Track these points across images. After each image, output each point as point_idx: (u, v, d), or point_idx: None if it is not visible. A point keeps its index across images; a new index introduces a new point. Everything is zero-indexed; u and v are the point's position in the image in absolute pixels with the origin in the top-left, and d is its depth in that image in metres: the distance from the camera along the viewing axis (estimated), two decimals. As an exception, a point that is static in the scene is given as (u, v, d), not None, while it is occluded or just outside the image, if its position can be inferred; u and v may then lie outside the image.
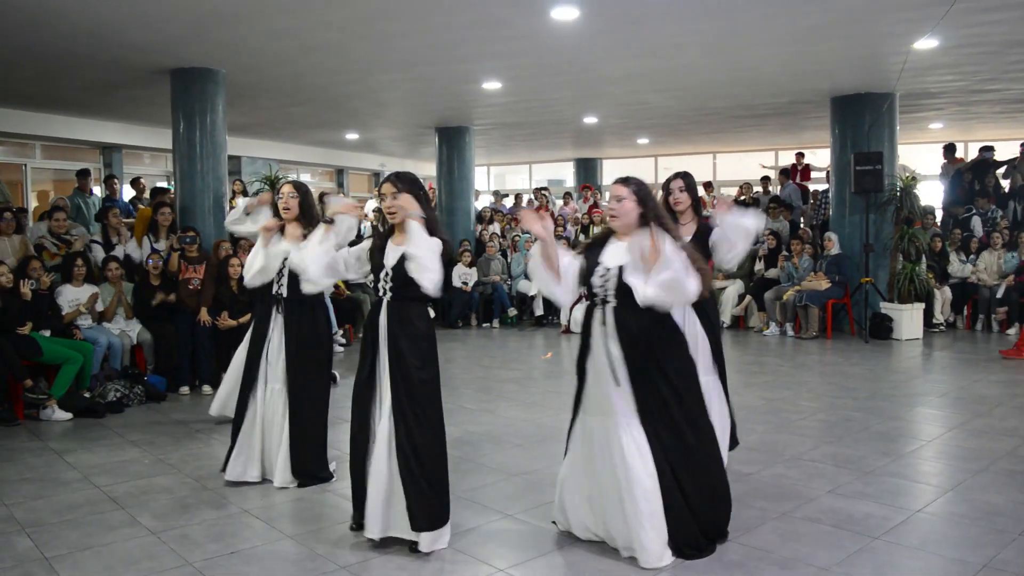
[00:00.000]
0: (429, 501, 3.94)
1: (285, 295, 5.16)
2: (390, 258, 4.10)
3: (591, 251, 4.04)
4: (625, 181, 3.98)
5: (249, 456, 5.16)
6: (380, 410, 4.07)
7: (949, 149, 14.76)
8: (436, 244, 3.97)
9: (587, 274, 3.99)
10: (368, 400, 4.11)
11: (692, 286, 3.69)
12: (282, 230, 5.30)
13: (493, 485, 5.09)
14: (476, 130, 15.38)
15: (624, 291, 3.84)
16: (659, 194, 4.97)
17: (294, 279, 4.92)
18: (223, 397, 6.59)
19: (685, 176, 5.15)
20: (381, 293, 4.14)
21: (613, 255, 3.94)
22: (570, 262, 4.04)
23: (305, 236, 5.13)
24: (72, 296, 7.80)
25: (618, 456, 3.83)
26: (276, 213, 5.37)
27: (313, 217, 5.27)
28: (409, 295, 4.04)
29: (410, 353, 4.00)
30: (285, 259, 5.15)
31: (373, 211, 14.69)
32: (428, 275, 3.91)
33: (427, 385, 4.02)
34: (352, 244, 4.50)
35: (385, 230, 4.26)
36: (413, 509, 3.92)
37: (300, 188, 5.36)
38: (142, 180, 12.92)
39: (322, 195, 8.44)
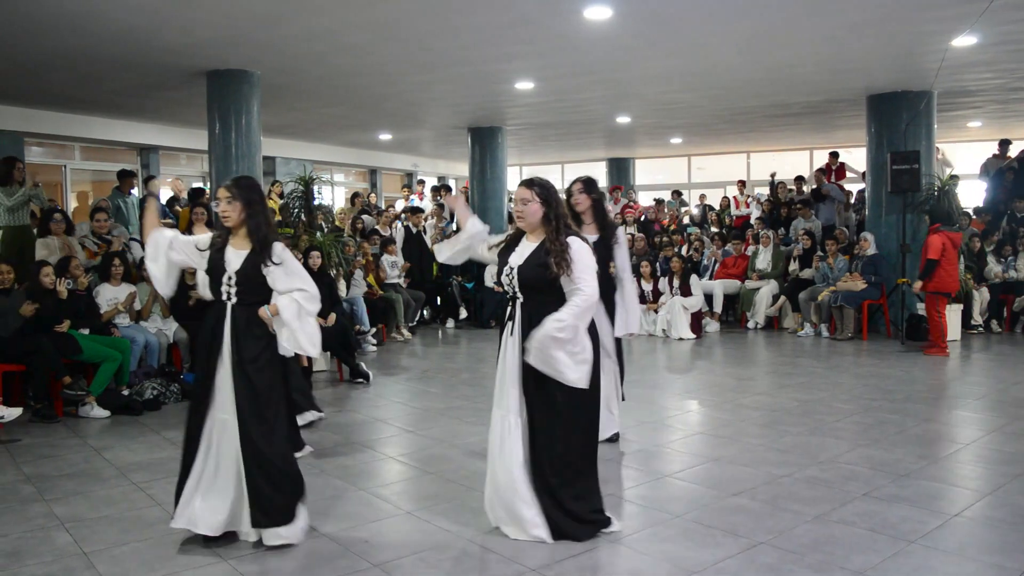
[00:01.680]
0: (271, 498, 4.02)
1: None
2: (233, 263, 4.06)
3: (504, 252, 4.29)
4: (529, 183, 4.25)
5: None
6: (217, 414, 4.06)
7: (1004, 144, 14.36)
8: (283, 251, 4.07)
9: (499, 273, 4.28)
10: (205, 406, 4.09)
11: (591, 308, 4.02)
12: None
13: (525, 485, 5.08)
14: (508, 130, 15.41)
15: (527, 287, 4.11)
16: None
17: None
18: None
19: (586, 180, 5.88)
20: (225, 297, 4.09)
21: (518, 255, 4.20)
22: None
23: None
24: (110, 295, 7.93)
25: (507, 447, 4.10)
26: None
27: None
28: (255, 300, 4.04)
29: (254, 357, 4.03)
30: None
31: (403, 211, 14.77)
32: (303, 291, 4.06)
33: (271, 388, 4.06)
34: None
35: (225, 233, 4.16)
36: (255, 506, 4.01)
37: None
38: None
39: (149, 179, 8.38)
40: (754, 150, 20.11)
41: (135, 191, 11.43)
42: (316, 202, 11.82)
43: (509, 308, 4.24)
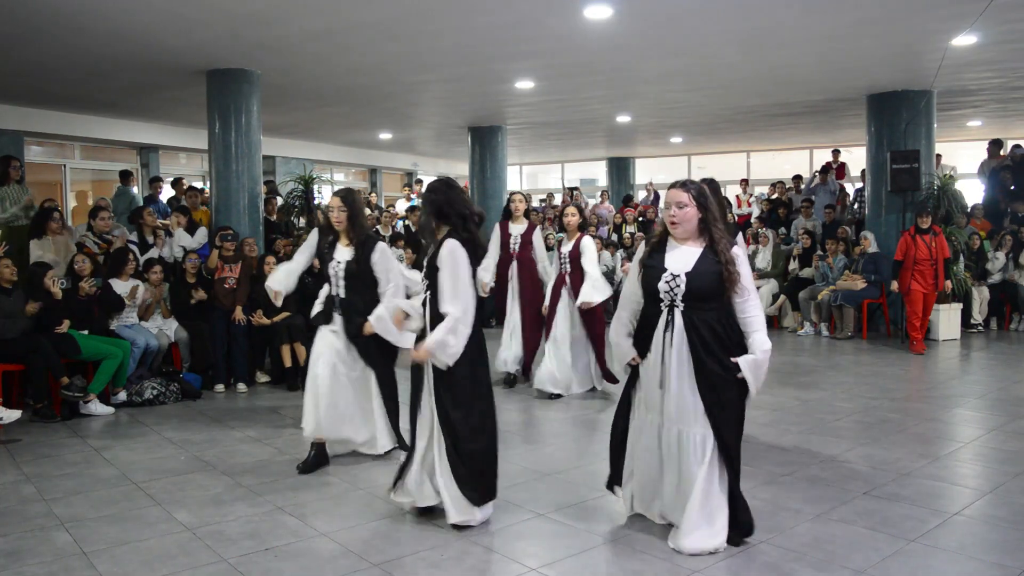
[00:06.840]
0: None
1: (343, 296, 5.50)
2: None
3: (652, 257, 4.06)
4: (683, 186, 4.01)
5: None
6: (427, 396, 4.36)
7: (995, 144, 14.37)
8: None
9: (652, 280, 4.00)
10: (419, 387, 4.40)
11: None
12: (336, 239, 5.59)
13: (525, 484, 5.09)
14: (509, 129, 15.40)
15: (693, 296, 3.92)
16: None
17: (350, 283, 5.44)
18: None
19: (709, 182, 5.34)
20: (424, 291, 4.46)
21: (677, 261, 3.98)
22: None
23: (355, 245, 5.45)
24: (121, 289, 7.90)
25: (684, 456, 3.99)
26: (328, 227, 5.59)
27: (363, 226, 5.54)
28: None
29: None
30: (341, 264, 5.49)
31: (406, 210, 14.78)
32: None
33: (465, 377, 4.29)
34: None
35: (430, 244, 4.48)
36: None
37: (346, 199, 5.49)
38: (183, 181, 13.04)
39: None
40: (755, 149, 20.09)
41: (135, 188, 11.49)
42: (316, 201, 11.82)
43: (663, 317, 3.99)
